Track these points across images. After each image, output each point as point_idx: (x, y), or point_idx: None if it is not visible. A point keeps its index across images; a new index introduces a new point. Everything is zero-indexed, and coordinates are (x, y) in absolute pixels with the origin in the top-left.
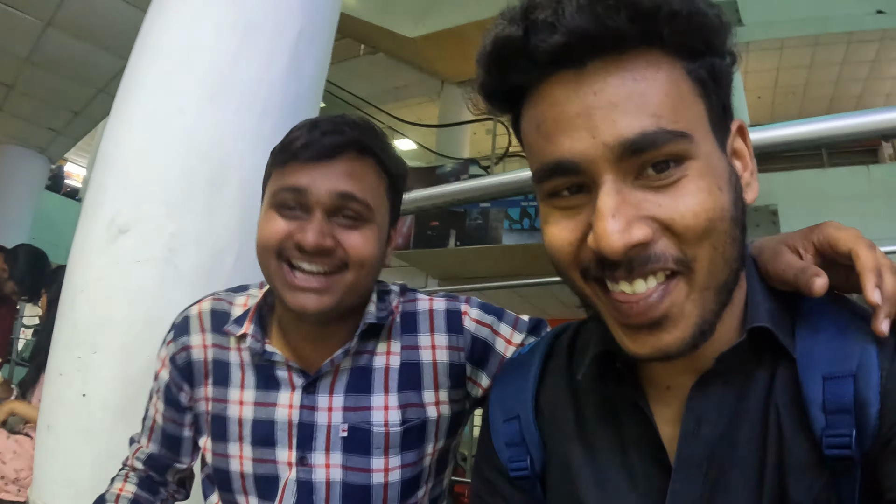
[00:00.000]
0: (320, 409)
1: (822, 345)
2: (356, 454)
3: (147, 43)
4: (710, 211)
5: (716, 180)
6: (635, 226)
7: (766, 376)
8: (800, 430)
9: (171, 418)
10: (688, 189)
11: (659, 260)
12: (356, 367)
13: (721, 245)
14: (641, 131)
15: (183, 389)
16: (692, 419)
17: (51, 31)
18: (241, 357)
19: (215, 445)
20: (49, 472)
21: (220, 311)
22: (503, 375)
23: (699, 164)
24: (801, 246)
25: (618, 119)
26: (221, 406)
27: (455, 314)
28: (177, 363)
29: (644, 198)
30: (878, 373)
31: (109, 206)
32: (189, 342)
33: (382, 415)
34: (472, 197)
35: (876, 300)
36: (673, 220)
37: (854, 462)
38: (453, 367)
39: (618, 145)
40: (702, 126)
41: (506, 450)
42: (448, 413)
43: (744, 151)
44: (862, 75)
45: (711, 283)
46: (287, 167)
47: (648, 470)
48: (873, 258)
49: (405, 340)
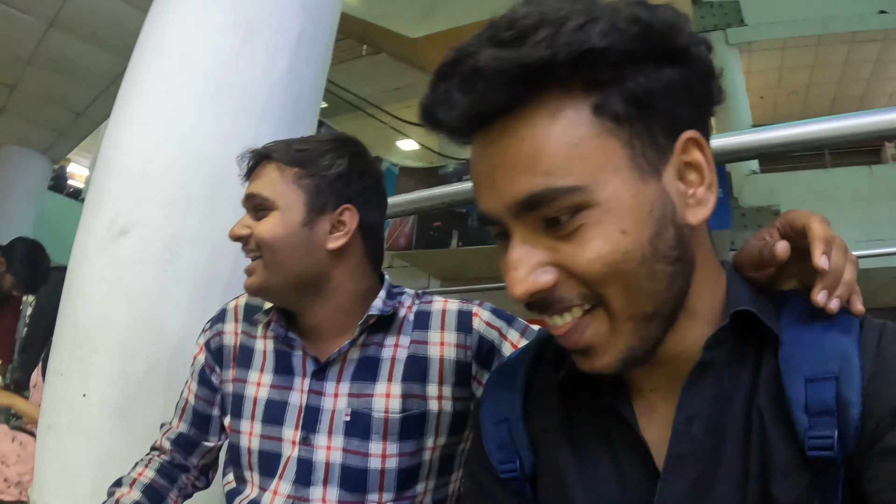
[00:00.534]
0: (327, 395)
1: (804, 346)
2: (356, 438)
3: (148, 44)
4: (606, 257)
5: (620, 223)
6: (537, 274)
7: (749, 374)
8: (783, 430)
9: (202, 397)
10: (585, 237)
11: (563, 301)
12: (364, 357)
13: (633, 283)
14: (531, 191)
15: (215, 371)
16: (683, 419)
17: (53, 32)
18: (265, 344)
19: (232, 422)
20: (49, 471)
21: (253, 304)
22: (493, 379)
23: (598, 211)
24: (767, 234)
25: (512, 180)
26: (241, 385)
27: (466, 314)
28: (210, 347)
29: (549, 246)
30: (859, 374)
31: (110, 206)
32: (223, 328)
33: (383, 402)
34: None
35: (822, 265)
36: (571, 267)
37: (836, 464)
38: (459, 364)
39: (514, 204)
40: (608, 169)
41: (496, 452)
42: (450, 409)
43: (700, 163)
44: (864, 75)
45: (634, 314)
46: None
47: (636, 470)
48: (824, 231)
49: (416, 336)
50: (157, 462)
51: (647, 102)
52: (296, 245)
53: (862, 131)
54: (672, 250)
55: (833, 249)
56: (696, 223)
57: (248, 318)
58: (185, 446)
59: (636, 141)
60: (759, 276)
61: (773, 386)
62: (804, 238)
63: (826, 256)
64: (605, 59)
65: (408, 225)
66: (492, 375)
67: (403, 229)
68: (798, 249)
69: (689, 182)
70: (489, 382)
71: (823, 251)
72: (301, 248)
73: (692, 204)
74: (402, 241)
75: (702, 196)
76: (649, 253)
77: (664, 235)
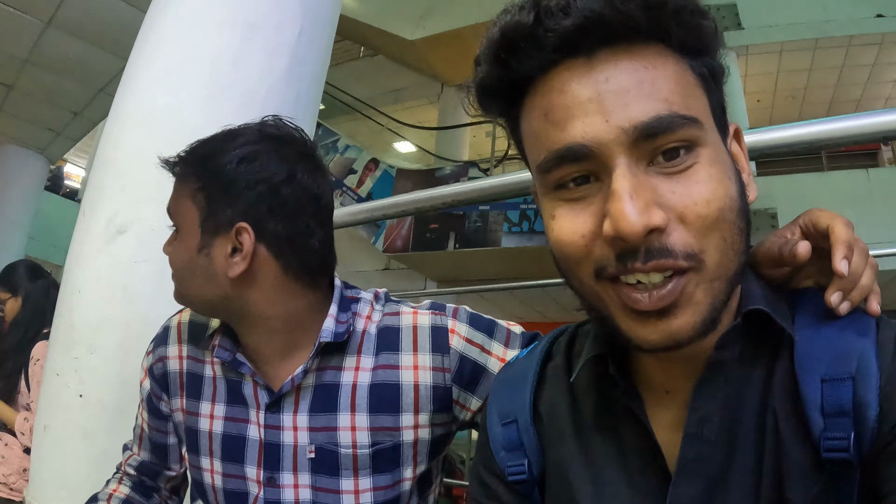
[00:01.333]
0: (285, 429)
1: (820, 346)
2: (325, 475)
3: (147, 42)
4: (721, 199)
5: (724, 170)
6: (653, 209)
7: (763, 375)
8: (797, 432)
9: (155, 427)
10: (699, 176)
11: (671, 254)
12: (321, 385)
13: (730, 235)
14: (656, 115)
15: (162, 399)
16: (695, 420)
17: (51, 32)
18: (214, 370)
19: (191, 457)
20: (46, 472)
21: (198, 322)
22: (501, 379)
23: (709, 152)
24: (789, 231)
25: (630, 104)
26: (194, 419)
27: (441, 331)
28: (154, 374)
29: (657, 184)
30: (877, 375)
31: (108, 205)
32: (166, 353)
33: (350, 436)
34: (470, 199)
35: (841, 269)
36: (686, 208)
37: (852, 465)
38: (437, 389)
39: (632, 128)
40: (708, 117)
41: (503, 453)
42: (428, 437)
43: (740, 155)
44: (862, 79)
45: (721, 274)
46: None
47: (647, 474)
48: (847, 234)
49: (383, 359)
50: (128, 479)
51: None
52: (195, 273)
53: (859, 133)
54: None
55: (854, 253)
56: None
57: (193, 339)
58: (150, 473)
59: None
60: (775, 274)
61: (787, 386)
62: (826, 239)
63: (847, 261)
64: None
65: (405, 227)
66: (500, 374)
67: (400, 231)
68: (818, 250)
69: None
70: (497, 382)
71: (845, 255)
72: (200, 276)
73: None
74: (399, 243)
75: (746, 181)
76: (739, 207)
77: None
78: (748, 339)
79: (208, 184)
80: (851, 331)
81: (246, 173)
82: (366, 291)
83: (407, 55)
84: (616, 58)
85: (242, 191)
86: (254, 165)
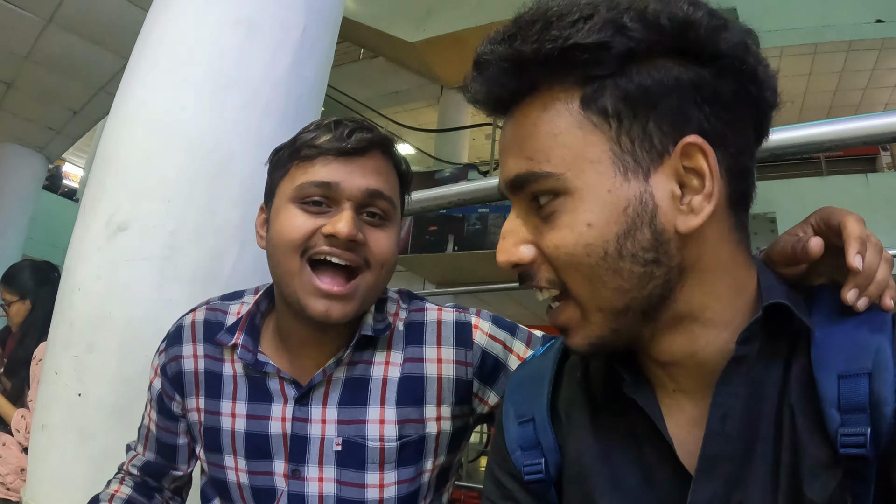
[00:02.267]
0: (314, 422)
1: (837, 342)
2: (350, 469)
3: (149, 39)
4: (568, 247)
5: (588, 216)
6: (520, 247)
7: (780, 371)
8: (814, 428)
9: (164, 427)
10: (556, 223)
11: (536, 280)
12: (351, 378)
13: (595, 277)
14: (515, 173)
15: (174, 399)
16: (718, 416)
17: (51, 29)
18: (234, 368)
19: (211, 456)
20: (43, 471)
21: (213, 321)
22: (517, 377)
23: (572, 200)
24: (801, 230)
25: (507, 161)
26: (214, 418)
27: (465, 326)
28: (167, 373)
29: (535, 226)
30: (893, 371)
31: (108, 203)
32: (180, 352)
33: (378, 429)
34: (469, 199)
35: (856, 265)
36: (545, 249)
37: (869, 461)
38: (459, 382)
39: (507, 182)
40: (585, 161)
41: (519, 453)
42: (449, 429)
43: (702, 170)
44: (861, 84)
45: (602, 307)
46: (315, 162)
47: (664, 468)
48: (859, 229)
49: (409, 352)
50: (130, 480)
51: (644, 101)
52: (393, 269)
53: (858, 135)
54: (646, 252)
55: (868, 249)
56: (685, 231)
57: (209, 338)
58: (154, 474)
59: (624, 137)
60: (789, 272)
61: (804, 382)
62: (838, 236)
63: (860, 256)
64: (596, 55)
65: (403, 229)
66: (516, 373)
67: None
68: (831, 247)
69: (689, 188)
70: (514, 380)
71: (858, 251)
72: (392, 272)
73: (684, 211)
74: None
75: (696, 205)
76: (613, 250)
77: (636, 236)
78: (767, 334)
79: (405, 186)
80: (867, 327)
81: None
82: (391, 290)
83: (407, 57)
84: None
85: (405, 197)
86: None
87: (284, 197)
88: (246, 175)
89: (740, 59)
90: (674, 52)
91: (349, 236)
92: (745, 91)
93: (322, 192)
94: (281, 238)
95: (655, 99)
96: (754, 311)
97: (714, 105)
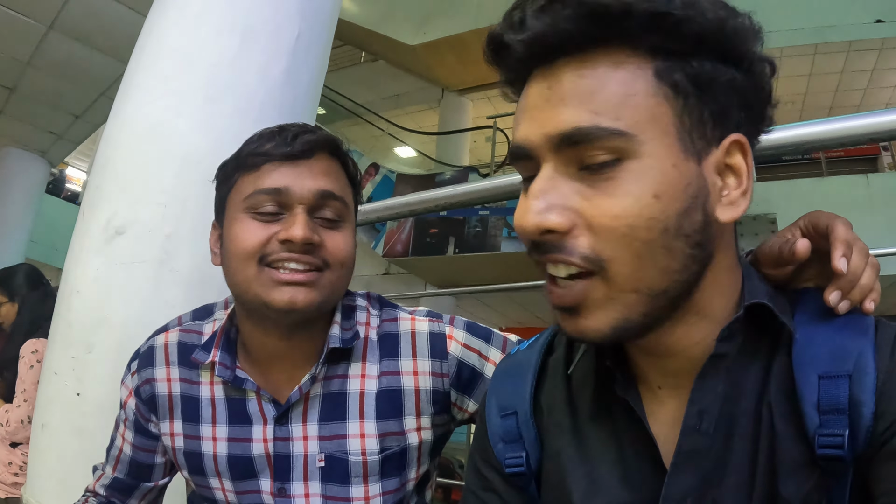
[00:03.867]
0: (295, 440)
1: (818, 343)
2: (335, 483)
3: (146, 46)
4: (633, 217)
5: (654, 186)
6: (555, 212)
7: (761, 370)
8: (792, 428)
9: (142, 447)
10: (618, 190)
11: (567, 252)
12: (328, 393)
13: (648, 253)
14: (577, 125)
15: (150, 420)
16: (694, 412)
17: (52, 35)
18: (213, 391)
19: (196, 479)
20: (43, 471)
21: (188, 343)
22: (501, 370)
23: (638, 167)
24: (790, 232)
25: (561, 112)
26: (195, 443)
27: (439, 337)
28: (141, 395)
29: (577, 190)
30: (873, 374)
31: (106, 207)
32: (153, 375)
33: (359, 443)
34: (468, 200)
35: (841, 267)
36: (593, 217)
37: (846, 463)
38: (437, 393)
39: (556, 136)
40: (657, 129)
41: (501, 445)
42: (430, 438)
43: (741, 169)
44: (861, 85)
45: (638, 288)
46: (261, 169)
47: (642, 467)
48: (846, 233)
49: (385, 365)
50: (94, 501)
51: (708, 87)
52: (352, 271)
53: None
54: (696, 233)
55: (854, 252)
56: (725, 221)
57: (184, 361)
58: (123, 490)
59: (686, 118)
60: (776, 274)
61: (784, 382)
62: (826, 240)
63: (845, 259)
64: (679, 29)
65: (405, 231)
66: (500, 366)
67: (400, 236)
68: (818, 251)
69: (727, 184)
70: (497, 374)
71: (843, 254)
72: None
73: (724, 203)
74: (398, 247)
75: (735, 199)
76: (673, 227)
77: (693, 216)
78: (748, 333)
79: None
80: (850, 330)
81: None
82: (359, 296)
83: (408, 60)
84: (567, 67)
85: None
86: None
87: (235, 208)
88: None
89: (768, 79)
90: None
91: (305, 239)
92: (764, 108)
93: (273, 199)
94: (236, 248)
95: (715, 89)
96: (737, 311)
97: (748, 112)
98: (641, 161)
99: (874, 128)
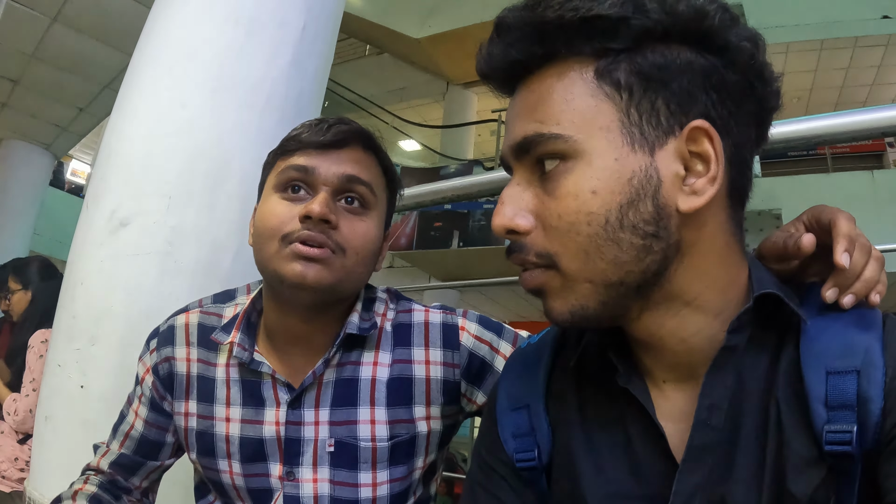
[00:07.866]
0: (307, 424)
1: (826, 339)
2: (343, 469)
3: (151, 37)
4: (573, 214)
5: (592, 183)
6: (519, 215)
7: (768, 364)
8: (800, 423)
9: (155, 424)
10: (560, 190)
11: (525, 252)
12: (341, 379)
13: (593, 247)
14: (524, 134)
15: (165, 399)
16: (705, 407)
17: (57, 27)
18: (228, 373)
19: (204, 460)
20: (47, 463)
21: (208, 325)
22: (512, 363)
23: (578, 166)
24: (794, 226)
25: (515, 126)
26: (207, 423)
27: (451, 328)
28: (159, 373)
29: (536, 194)
30: (882, 370)
31: (111, 198)
32: (173, 354)
33: (369, 429)
34: (470, 193)
35: (842, 262)
36: (545, 219)
37: (854, 459)
38: (447, 383)
39: (514, 146)
40: (595, 127)
41: (512, 440)
42: (439, 428)
43: (707, 155)
44: (867, 80)
45: (591, 279)
46: (294, 154)
47: (651, 461)
48: (849, 228)
49: (398, 354)
50: (95, 479)
51: (656, 78)
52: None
53: (864, 128)
54: (646, 224)
55: (856, 247)
56: (686, 210)
57: (203, 342)
58: (128, 467)
59: (633, 110)
60: (781, 269)
61: (792, 377)
62: (829, 234)
63: (847, 254)
64: (615, 29)
65: (409, 225)
66: (511, 360)
67: (405, 229)
68: (822, 246)
69: (693, 171)
70: (507, 368)
71: (846, 248)
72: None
73: (687, 192)
74: (402, 240)
75: (699, 187)
76: (615, 219)
77: (639, 207)
78: (757, 325)
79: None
80: (858, 325)
81: None
82: (379, 289)
83: (412, 53)
84: (525, 85)
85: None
86: None
87: (268, 189)
88: (245, 172)
89: (749, 54)
90: (687, 39)
91: (321, 215)
92: (750, 86)
93: (299, 176)
94: (263, 226)
95: (667, 78)
96: (745, 303)
97: (721, 93)
98: (582, 160)
99: (883, 122)
